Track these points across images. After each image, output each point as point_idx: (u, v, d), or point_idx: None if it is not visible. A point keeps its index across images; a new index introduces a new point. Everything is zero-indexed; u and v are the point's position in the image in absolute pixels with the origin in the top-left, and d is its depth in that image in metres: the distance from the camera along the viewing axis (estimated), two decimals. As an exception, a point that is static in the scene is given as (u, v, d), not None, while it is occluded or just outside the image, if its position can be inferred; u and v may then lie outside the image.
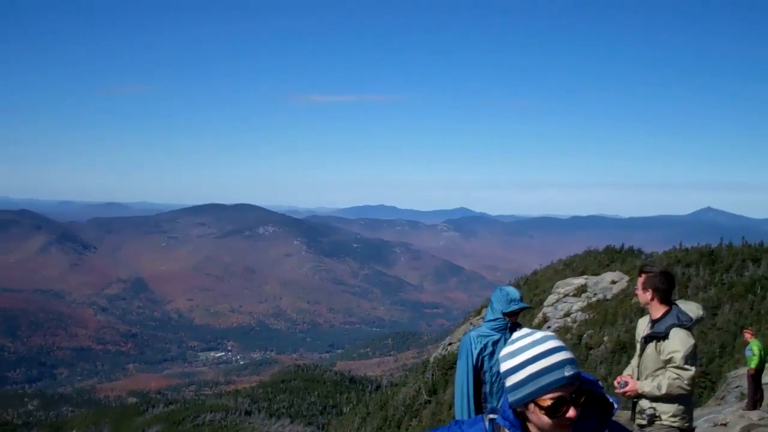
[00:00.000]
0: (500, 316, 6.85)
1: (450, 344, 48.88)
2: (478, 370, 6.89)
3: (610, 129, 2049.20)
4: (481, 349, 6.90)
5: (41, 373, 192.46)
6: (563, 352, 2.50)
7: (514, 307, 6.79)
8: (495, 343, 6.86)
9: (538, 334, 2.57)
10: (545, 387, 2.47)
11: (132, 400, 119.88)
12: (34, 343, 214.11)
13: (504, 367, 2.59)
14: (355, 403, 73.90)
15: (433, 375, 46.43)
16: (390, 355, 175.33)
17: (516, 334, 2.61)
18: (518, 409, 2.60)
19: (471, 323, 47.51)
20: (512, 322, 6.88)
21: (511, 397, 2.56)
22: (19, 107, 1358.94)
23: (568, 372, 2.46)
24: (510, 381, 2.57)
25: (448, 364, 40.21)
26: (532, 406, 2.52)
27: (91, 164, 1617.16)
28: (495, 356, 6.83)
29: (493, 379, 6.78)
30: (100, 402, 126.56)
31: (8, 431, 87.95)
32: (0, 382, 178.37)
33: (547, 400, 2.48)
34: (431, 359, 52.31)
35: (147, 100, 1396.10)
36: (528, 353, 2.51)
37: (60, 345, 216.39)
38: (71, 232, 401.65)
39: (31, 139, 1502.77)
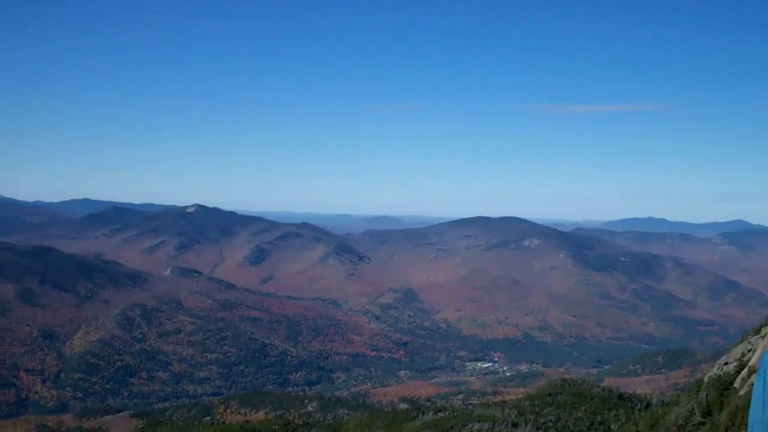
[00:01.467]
0: None
1: (726, 364, 47.22)
2: None
3: None
4: None
5: (320, 377, 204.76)
6: None
7: None
8: None
9: None
10: None
11: (403, 406, 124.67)
12: (314, 348, 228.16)
13: None
14: (623, 420, 72.51)
15: (707, 396, 45.13)
16: (660, 373, 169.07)
17: None
18: None
19: (749, 342, 45.65)
20: None
21: None
22: (298, 132, 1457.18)
23: None
24: None
25: (725, 385, 38.98)
26: None
27: (367, 180, 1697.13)
28: None
29: None
30: (374, 406, 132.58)
31: (290, 430, 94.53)
32: (283, 384, 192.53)
33: None
34: (706, 379, 50.72)
35: (413, 118, 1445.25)
36: None
37: (337, 350, 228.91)
38: (348, 244, 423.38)
39: (311, 159, 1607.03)
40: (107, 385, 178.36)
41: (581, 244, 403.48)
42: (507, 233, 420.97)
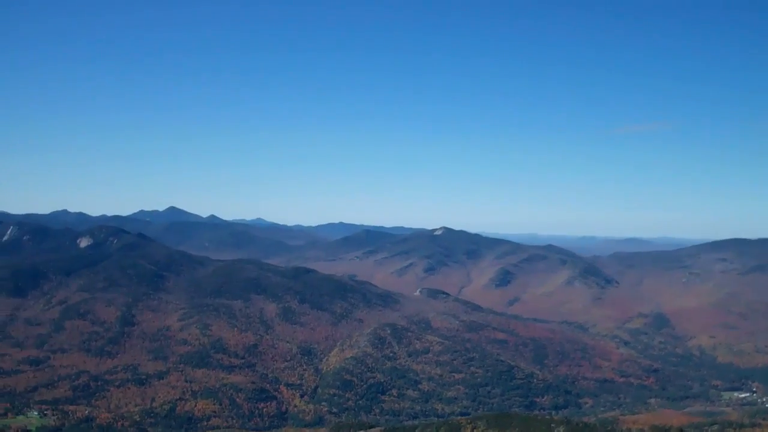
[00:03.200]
0: None
1: None
2: None
3: None
4: None
5: (567, 401, 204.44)
6: None
7: None
8: None
9: None
10: None
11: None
12: (560, 371, 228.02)
13: None
14: None
15: None
16: None
17: None
18: None
19: None
20: None
21: None
22: (543, 155, 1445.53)
23: None
24: None
25: None
26: None
27: (615, 202, 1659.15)
28: None
29: None
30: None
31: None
32: (529, 407, 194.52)
33: None
34: None
35: (665, 139, 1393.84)
36: None
37: (584, 375, 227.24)
38: (594, 267, 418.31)
39: (557, 181, 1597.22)
40: (360, 401, 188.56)
41: None
42: (766, 256, 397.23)
